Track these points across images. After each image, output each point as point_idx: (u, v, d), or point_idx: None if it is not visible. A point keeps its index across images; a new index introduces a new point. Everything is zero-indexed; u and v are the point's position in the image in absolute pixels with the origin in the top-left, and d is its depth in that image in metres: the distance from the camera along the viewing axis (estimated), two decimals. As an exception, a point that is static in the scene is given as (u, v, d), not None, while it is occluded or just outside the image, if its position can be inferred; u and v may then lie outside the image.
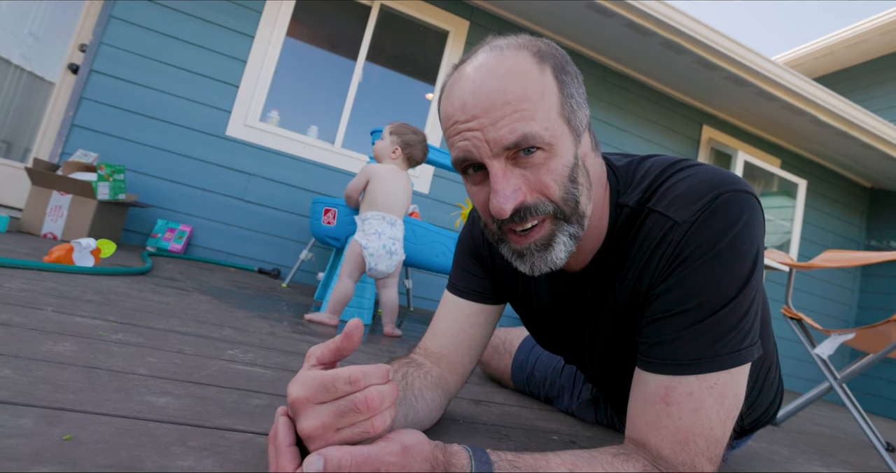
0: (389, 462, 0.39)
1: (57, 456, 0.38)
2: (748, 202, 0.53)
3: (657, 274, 0.55)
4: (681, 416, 0.50)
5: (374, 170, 1.61)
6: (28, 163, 2.55)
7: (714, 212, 0.52)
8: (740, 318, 0.51)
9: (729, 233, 0.51)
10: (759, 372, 0.78)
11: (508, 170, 0.51)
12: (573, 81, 0.54)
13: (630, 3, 2.88)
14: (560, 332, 0.76)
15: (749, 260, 0.52)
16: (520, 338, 1.16)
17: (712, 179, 0.54)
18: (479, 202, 0.56)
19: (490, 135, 0.50)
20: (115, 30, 2.57)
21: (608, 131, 3.66)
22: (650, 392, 0.53)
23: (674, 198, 0.55)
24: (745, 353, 0.51)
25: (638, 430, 0.53)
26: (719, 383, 0.50)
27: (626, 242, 0.59)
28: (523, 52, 0.52)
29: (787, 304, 1.76)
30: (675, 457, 0.50)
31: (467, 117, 0.51)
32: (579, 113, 0.54)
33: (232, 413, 0.57)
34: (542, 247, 0.55)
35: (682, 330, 0.52)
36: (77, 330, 0.77)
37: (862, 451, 1.59)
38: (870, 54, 4.81)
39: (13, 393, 0.48)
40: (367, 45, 3.11)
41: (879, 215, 4.69)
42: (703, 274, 0.51)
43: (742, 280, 0.51)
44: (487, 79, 0.50)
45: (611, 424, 0.98)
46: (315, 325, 1.41)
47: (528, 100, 0.50)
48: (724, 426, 0.51)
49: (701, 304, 0.51)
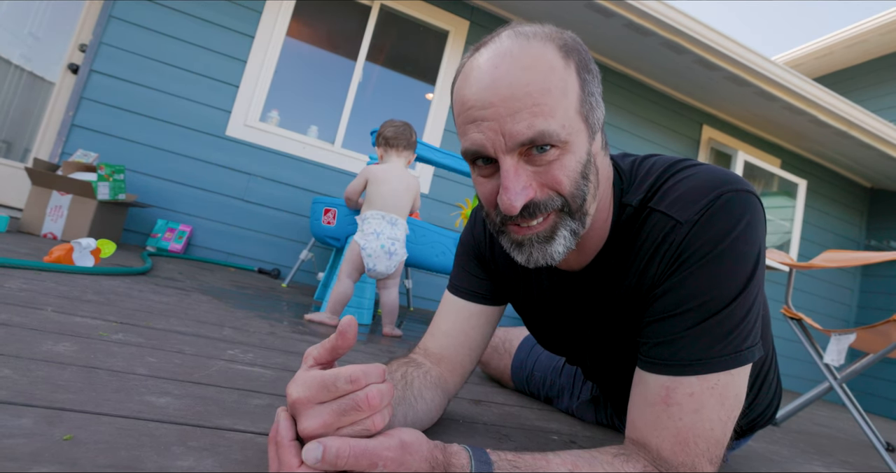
0: (387, 456, 0.39)
1: (57, 456, 0.38)
2: (750, 202, 0.53)
3: (659, 275, 0.55)
4: (681, 417, 0.50)
5: (372, 171, 1.61)
6: (28, 163, 2.55)
7: (716, 212, 0.51)
8: (741, 319, 0.51)
9: (731, 233, 0.51)
10: (759, 373, 0.78)
11: (521, 166, 0.50)
12: (594, 79, 0.53)
13: (630, 3, 2.87)
14: (561, 332, 0.76)
15: (751, 261, 0.51)
16: (519, 338, 1.16)
17: (714, 179, 0.54)
18: (486, 193, 0.55)
19: (506, 128, 0.48)
20: (115, 30, 2.57)
21: (608, 131, 3.66)
22: (651, 392, 0.53)
23: (676, 198, 0.54)
24: (746, 354, 0.51)
25: (638, 431, 0.53)
26: (720, 384, 0.50)
27: (628, 241, 0.59)
28: (550, 43, 0.50)
29: (787, 304, 1.76)
30: (675, 458, 0.50)
31: (484, 104, 0.49)
32: (597, 111, 0.54)
33: (232, 413, 0.57)
34: (543, 240, 0.54)
35: (683, 331, 0.52)
36: (77, 330, 0.77)
37: (862, 451, 1.59)
38: (870, 54, 4.81)
39: (13, 393, 0.48)
40: (367, 44, 3.11)
41: (879, 215, 4.69)
42: (704, 274, 0.51)
43: (744, 280, 0.51)
44: (511, 67, 0.48)
45: (611, 424, 0.98)
46: (315, 325, 1.41)
47: (550, 95, 0.48)
48: (724, 427, 0.50)
49: (702, 305, 0.51)
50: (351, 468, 0.37)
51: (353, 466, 0.37)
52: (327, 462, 0.37)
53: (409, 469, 0.40)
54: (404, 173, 1.65)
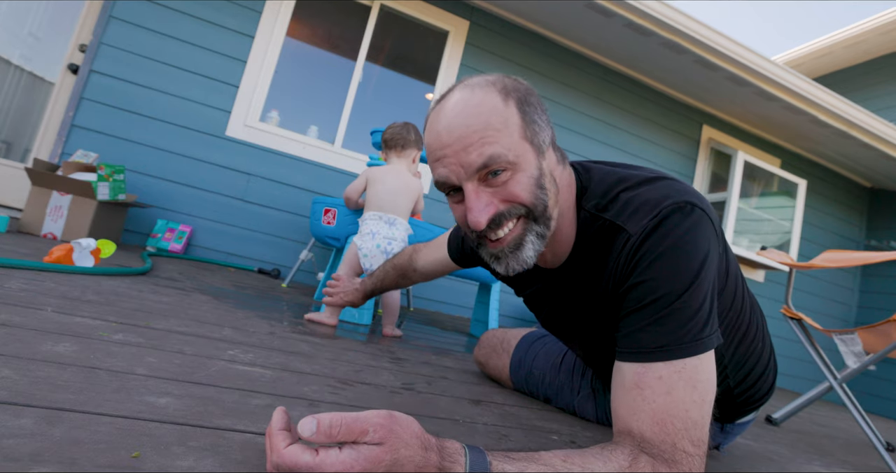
0: (377, 423, 0.41)
1: (57, 456, 0.38)
2: (691, 212, 0.61)
3: (621, 276, 0.64)
4: (654, 399, 0.55)
5: (372, 172, 1.61)
6: (28, 163, 2.55)
7: (660, 222, 0.60)
8: (696, 309, 0.58)
9: (672, 237, 0.59)
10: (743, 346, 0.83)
11: (480, 190, 0.62)
12: (535, 110, 0.64)
13: (630, 3, 2.87)
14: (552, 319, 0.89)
15: (697, 259, 0.59)
16: (517, 338, 1.17)
17: (661, 195, 0.63)
18: (459, 216, 0.67)
19: (463, 160, 0.61)
20: (115, 30, 2.57)
21: (608, 131, 3.66)
22: (626, 379, 0.58)
23: (630, 212, 0.64)
24: (706, 341, 0.57)
25: (621, 420, 0.57)
26: (687, 367, 0.55)
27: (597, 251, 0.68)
28: (490, 89, 0.62)
29: (787, 304, 1.76)
30: (656, 438, 0.53)
31: (443, 145, 0.62)
32: (542, 134, 0.64)
33: (232, 414, 0.57)
34: (513, 248, 0.64)
35: (645, 321, 0.59)
36: (77, 330, 0.77)
37: (862, 451, 1.59)
38: (869, 54, 4.81)
39: (13, 394, 0.48)
40: (367, 44, 3.11)
41: (879, 215, 4.68)
42: (655, 270, 0.59)
43: (692, 274, 0.58)
44: (459, 114, 0.61)
45: (610, 419, 0.98)
46: (315, 325, 1.41)
47: (492, 128, 0.60)
48: (700, 409, 0.55)
49: (659, 298, 0.58)
50: (344, 436, 0.40)
51: (346, 434, 0.40)
52: (322, 433, 0.39)
53: (399, 439, 0.42)
54: (403, 173, 1.65)
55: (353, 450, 0.40)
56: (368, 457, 0.40)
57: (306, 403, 0.68)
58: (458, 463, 0.45)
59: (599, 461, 0.49)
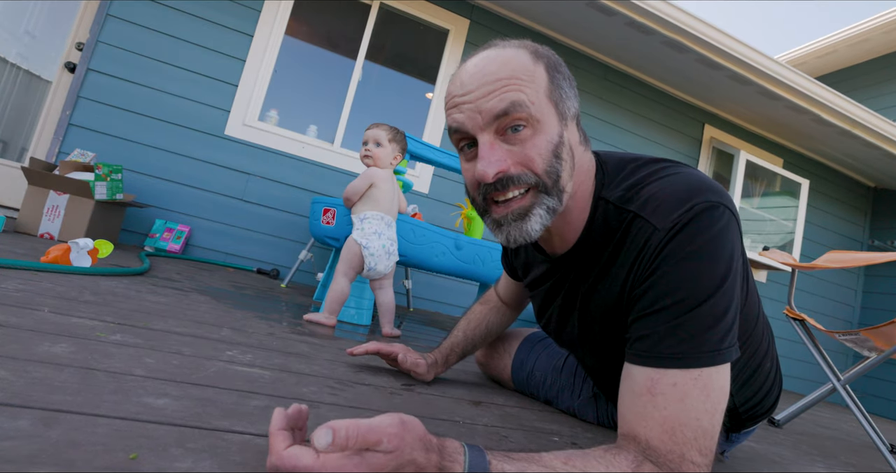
0: (391, 433, 0.41)
1: (54, 458, 0.38)
2: (722, 214, 0.57)
3: (640, 275, 0.59)
4: (666, 406, 0.52)
5: (377, 174, 1.62)
6: (24, 162, 2.54)
7: (690, 221, 0.56)
8: (718, 318, 0.54)
9: (702, 238, 0.55)
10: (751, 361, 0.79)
11: (496, 143, 0.58)
12: (564, 79, 0.62)
13: (631, 2, 2.87)
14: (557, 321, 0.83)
15: (723, 263, 0.56)
16: (519, 339, 1.16)
17: (692, 188, 0.59)
18: (470, 177, 0.63)
19: (482, 106, 0.57)
20: (113, 28, 2.56)
21: (609, 131, 3.65)
22: (637, 384, 0.55)
23: (656, 206, 0.59)
24: (724, 353, 0.54)
25: (628, 424, 0.55)
26: (703, 375, 0.53)
27: (612, 241, 0.64)
28: (521, 49, 0.60)
29: (789, 305, 1.75)
30: (663, 447, 0.51)
31: (464, 91, 0.59)
32: (567, 102, 0.61)
33: (230, 415, 0.56)
34: (518, 217, 0.60)
35: (663, 325, 0.55)
36: (74, 330, 0.76)
37: (865, 453, 1.59)
38: (873, 53, 4.80)
39: (9, 395, 0.47)
40: (367, 43, 3.10)
41: (883, 215, 4.67)
42: (680, 271, 0.55)
43: (718, 279, 0.55)
44: (486, 64, 0.59)
45: (612, 423, 0.97)
46: (314, 326, 1.40)
47: (518, 78, 0.57)
48: (711, 418, 0.52)
49: (680, 301, 0.55)
50: (359, 447, 0.40)
51: (361, 445, 0.40)
52: (338, 445, 0.39)
53: (406, 445, 0.41)
54: (393, 176, 1.71)
55: (357, 455, 0.39)
56: (371, 463, 0.39)
57: (306, 404, 0.67)
58: (458, 463, 0.44)
59: (602, 464, 0.48)
